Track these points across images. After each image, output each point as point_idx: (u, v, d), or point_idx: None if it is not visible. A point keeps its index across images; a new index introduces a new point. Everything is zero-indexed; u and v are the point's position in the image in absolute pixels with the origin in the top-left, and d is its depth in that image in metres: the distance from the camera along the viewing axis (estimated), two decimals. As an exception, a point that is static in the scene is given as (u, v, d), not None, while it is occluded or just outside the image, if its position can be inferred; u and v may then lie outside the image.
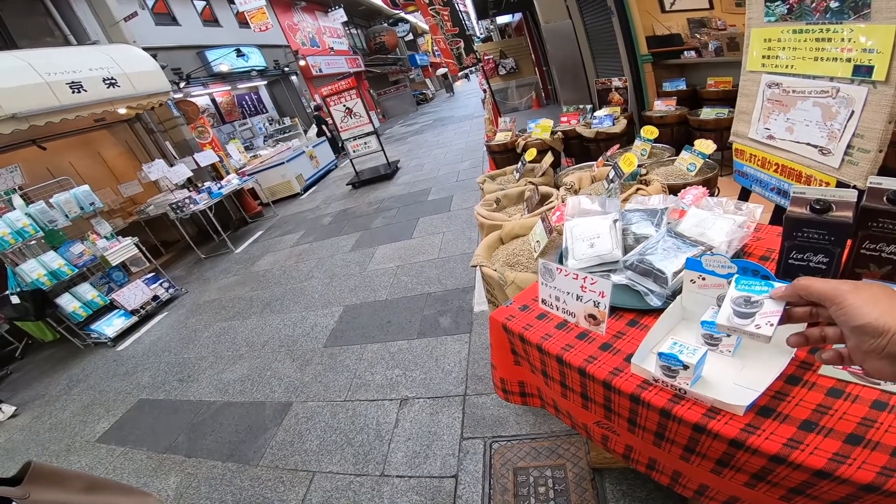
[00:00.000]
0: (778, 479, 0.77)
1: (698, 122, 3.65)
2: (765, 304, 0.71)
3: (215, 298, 5.16)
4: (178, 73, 9.25)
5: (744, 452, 0.79)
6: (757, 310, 0.71)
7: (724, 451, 0.82)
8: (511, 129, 4.55)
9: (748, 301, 0.73)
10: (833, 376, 0.83)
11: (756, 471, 0.79)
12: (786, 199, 2.27)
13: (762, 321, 0.70)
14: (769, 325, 0.69)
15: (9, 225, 4.31)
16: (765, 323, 0.69)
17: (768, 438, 0.76)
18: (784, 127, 2.16)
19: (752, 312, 0.72)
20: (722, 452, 0.83)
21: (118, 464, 2.80)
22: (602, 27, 5.47)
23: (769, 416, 0.80)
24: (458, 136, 11.24)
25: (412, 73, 29.85)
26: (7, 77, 4.66)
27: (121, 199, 7.19)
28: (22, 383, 4.51)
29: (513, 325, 1.19)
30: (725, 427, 0.80)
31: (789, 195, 2.27)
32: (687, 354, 0.84)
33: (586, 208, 1.37)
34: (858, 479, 0.67)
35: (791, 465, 0.73)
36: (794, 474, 0.74)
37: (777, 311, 0.68)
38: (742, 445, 0.78)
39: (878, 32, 1.55)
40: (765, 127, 2.27)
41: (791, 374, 0.86)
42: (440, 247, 4.62)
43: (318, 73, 15.90)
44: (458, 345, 2.91)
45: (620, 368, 0.97)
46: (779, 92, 2.12)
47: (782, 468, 0.74)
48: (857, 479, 0.68)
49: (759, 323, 0.70)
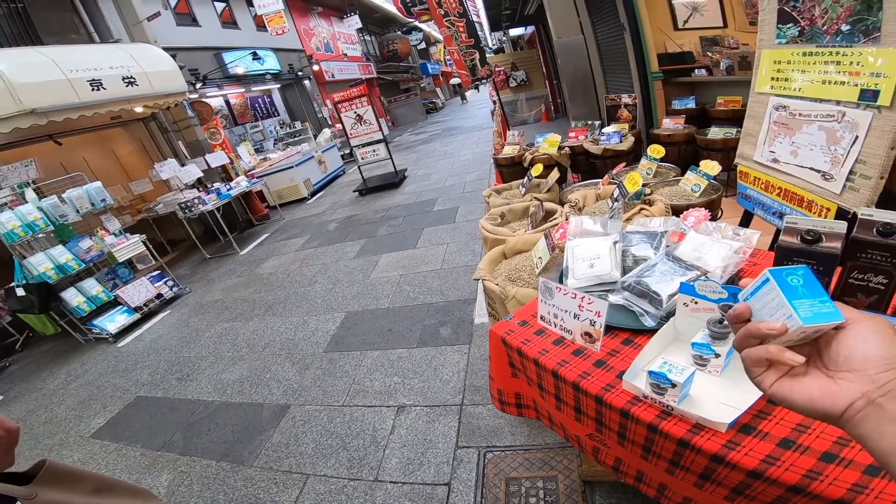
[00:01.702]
0: (755, 494, 0.80)
1: (706, 142, 3.67)
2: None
3: (218, 299, 5.21)
4: (195, 74, 9.41)
5: (724, 467, 0.83)
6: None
7: (706, 466, 0.86)
8: (519, 143, 4.58)
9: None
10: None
11: (735, 485, 0.83)
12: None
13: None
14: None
15: (20, 218, 4.38)
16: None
17: (747, 454, 0.80)
18: (789, 150, 2.15)
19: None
20: (704, 467, 0.87)
21: (111, 460, 2.82)
22: (614, 43, 5.53)
23: (750, 433, 0.84)
24: (467, 146, 11.33)
25: (423, 81, 30.14)
26: (30, 72, 4.74)
27: (131, 196, 7.30)
28: (20, 376, 4.53)
29: (512, 339, 1.23)
30: (708, 443, 0.85)
31: None
32: (676, 373, 0.88)
33: (588, 229, 1.41)
34: (829, 494, 0.71)
35: (768, 480, 0.76)
36: (770, 489, 0.77)
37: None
38: (723, 461, 0.82)
39: (886, 56, 1.56)
40: (770, 150, 2.27)
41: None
42: (444, 258, 4.66)
43: (331, 78, 16.09)
44: (457, 355, 2.94)
45: (612, 384, 1.01)
46: (786, 115, 2.11)
47: (759, 483, 0.78)
48: (829, 495, 0.71)
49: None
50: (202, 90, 9.70)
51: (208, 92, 10.25)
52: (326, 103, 15.08)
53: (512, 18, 10.46)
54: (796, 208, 2.22)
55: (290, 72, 13.84)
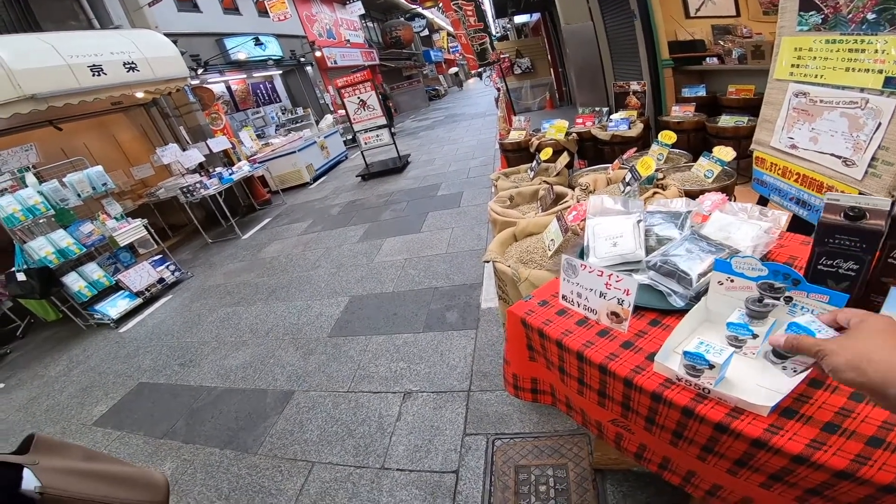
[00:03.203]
0: (796, 480, 0.78)
1: (716, 130, 3.61)
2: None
3: (221, 283, 5.17)
4: (197, 60, 9.32)
5: (765, 452, 0.79)
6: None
7: (744, 451, 0.83)
8: (525, 129, 4.52)
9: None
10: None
11: (775, 471, 0.80)
12: (805, 209, 2.26)
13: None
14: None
15: (20, 202, 4.33)
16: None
17: (791, 439, 0.77)
18: (808, 137, 2.15)
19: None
20: (742, 452, 0.83)
21: (113, 448, 2.77)
22: (623, 30, 5.44)
23: (792, 417, 0.81)
24: (470, 133, 11.22)
25: (426, 68, 29.89)
26: (29, 58, 4.70)
27: (132, 181, 7.26)
28: (21, 363, 4.48)
29: (532, 319, 1.18)
30: (749, 427, 0.81)
31: (809, 205, 2.28)
32: (713, 354, 0.83)
33: (609, 207, 1.36)
34: (879, 480, 0.69)
35: (813, 465, 0.74)
36: (814, 475, 0.75)
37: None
38: (765, 445, 0.79)
39: (912, 44, 1.54)
40: (788, 136, 2.26)
41: (814, 378, 0.86)
42: (449, 242, 4.61)
43: (333, 64, 15.92)
44: (464, 340, 2.90)
45: (642, 367, 0.96)
46: (806, 101, 2.11)
47: (803, 468, 0.76)
48: (878, 481, 0.69)
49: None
50: (204, 76, 9.63)
51: (210, 78, 10.17)
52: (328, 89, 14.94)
53: (518, 5, 10.28)
54: (815, 194, 2.21)
55: (292, 58, 13.70)
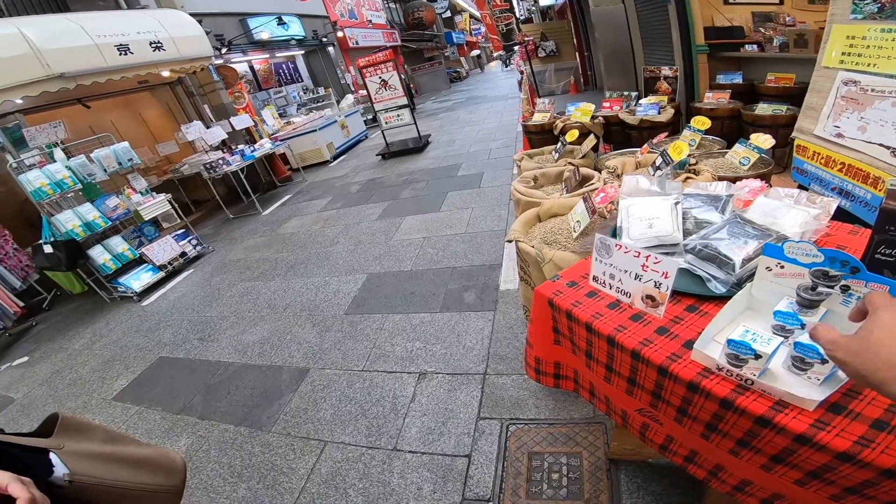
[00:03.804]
0: (836, 478, 0.74)
1: (753, 118, 3.46)
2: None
3: (241, 258, 5.23)
4: (221, 40, 9.35)
5: (808, 448, 0.75)
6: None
7: (784, 447, 0.78)
8: (549, 111, 4.44)
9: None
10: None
11: (815, 468, 0.76)
12: (847, 199, 2.16)
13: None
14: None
15: (48, 176, 4.42)
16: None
17: (838, 435, 0.73)
18: (856, 126, 2.08)
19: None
20: (782, 448, 0.79)
21: (132, 423, 2.81)
22: (656, 14, 5.24)
23: (840, 412, 0.76)
24: (492, 115, 11.06)
25: (447, 50, 29.49)
26: (58, 38, 4.78)
27: (157, 157, 7.41)
28: (46, 335, 4.60)
29: (560, 300, 1.13)
30: (793, 421, 0.76)
31: (852, 196, 2.17)
32: (760, 343, 0.77)
33: (644, 188, 1.29)
34: None
35: (859, 463, 0.70)
36: (858, 473, 0.71)
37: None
38: (809, 441, 0.74)
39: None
40: (834, 125, 2.18)
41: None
42: (468, 222, 4.56)
43: (355, 45, 15.78)
44: (481, 322, 2.87)
45: (679, 354, 0.90)
46: (855, 90, 2.05)
47: (847, 466, 0.72)
48: None
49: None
50: (227, 55, 9.67)
51: (233, 57, 10.22)
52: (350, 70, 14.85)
53: (544, -14, 9.99)
54: (860, 184, 2.13)
55: (314, 38, 13.63)
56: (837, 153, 2.19)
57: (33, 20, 4.93)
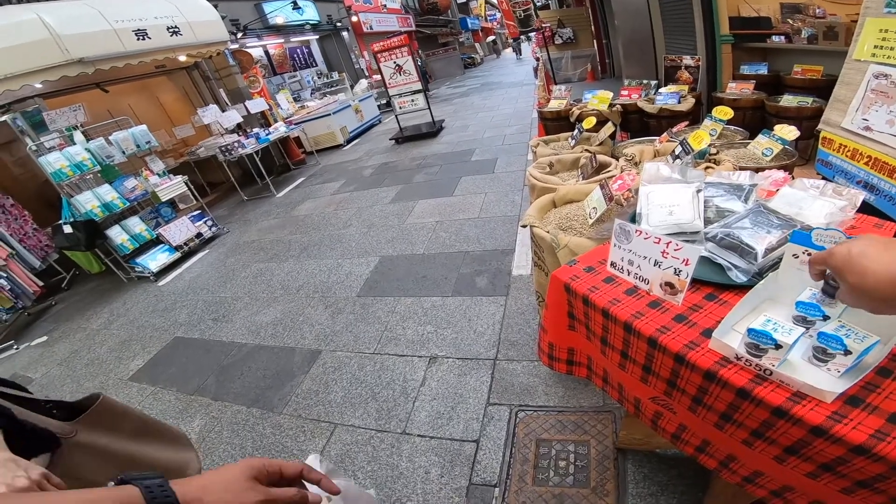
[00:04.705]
0: (849, 471, 0.74)
1: (777, 109, 3.38)
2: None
3: (255, 239, 5.28)
4: (236, 24, 9.36)
5: (824, 441, 0.75)
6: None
7: (799, 438, 0.78)
8: (565, 98, 4.37)
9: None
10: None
11: (829, 461, 0.76)
12: (872, 193, 2.12)
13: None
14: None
15: (68, 158, 4.50)
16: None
17: (855, 428, 0.72)
18: (885, 119, 2.07)
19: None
20: (797, 439, 0.79)
21: (147, 404, 2.83)
22: (679, 3, 5.12)
23: (857, 405, 0.75)
24: (506, 101, 10.94)
25: (462, 36, 29.14)
26: (77, 23, 4.83)
27: (174, 140, 7.50)
28: (65, 315, 4.67)
29: (577, 285, 1.12)
30: (810, 413, 0.75)
31: (878, 190, 2.12)
32: (782, 333, 0.76)
33: (666, 175, 1.26)
34: None
35: (873, 456, 0.70)
36: (871, 466, 0.71)
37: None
38: (825, 433, 0.74)
39: None
40: (863, 118, 2.15)
41: (884, 367, 0.80)
42: (481, 207, 4.55)
43: (369, 30, 15.66)
44: (493, 307, 2.87)
45: (696, 342, 0.90)
46: (886, 83, 2.03)
47: (861, 459, 0.71)
48: None
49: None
50: (243, 40, 9.70)
51: (249, 42, 10.24)
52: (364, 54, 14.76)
53: (564, -29, 9.77)
54: (885, 178, 2.10)
55: (328, 23, 13.56)
56: (865, 146, 2.15)
57: (52, 6, 4.98)
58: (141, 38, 5.42)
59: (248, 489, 0.55)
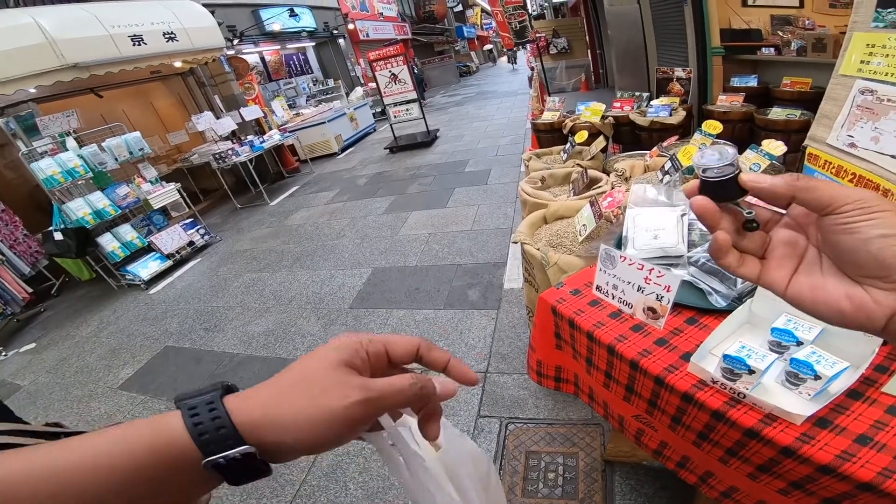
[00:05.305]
0: (817, 489, 0.77)
1: (765, 122, 3.43)
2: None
3: (247, 248, 5.28)
4: (233, 31, 9.37)
5: (792, 461, 0.78)
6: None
7: (770, 458, 0.82)
8: (559, 109, 4.42)
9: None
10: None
11: (798, 479, 0.79)
12: None
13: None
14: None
15: (60, 165, 4.47)
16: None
17: (822, 449, 0.76)
18: (870, 136, 2.07)
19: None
20: (768, 459, 0.82)
21: (136, 412, 2.82)
22: (671, 15, 5.20)
23: (826, 427, 0.79)
24: (501, 111, 11.02)
25: (458, 44, 29.37)
26: (72, 28, 4.82)
27: (167, 146, 7.46)
28: (54, 322, 4.62)
29: (563, 308, 1.16)
30: (781, 434, 0.79)
31: None
32: (755, 359, 0.79)
33: (652, 198, 1.30)
34: None
35: (839, 476, 0.73)
36: (837, 485, 0.74)
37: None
38: (793, 454, 0.78)
39: None
40: (848, 134, 2.17)
41: (854, 390, 0.84)
42: (474, 219, 4.58)
43: (366, 37, 15.75)
44: (484, 320, 2.89)
45: (675, 366, 0.93)
46: (871, 99, 2.02)
47: (827, 478, 0.75)
48: None
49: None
50: (239, 46, 9.70)
51: (244, 48, 10.24)
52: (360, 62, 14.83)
53: (559, -18, 9.90)
54: None
55: (325, 30, 13.62)
56: (849, 163, 2.18)
57: (49, 10, 4.98)
58: (137, 44, 5.41)
59: (337, 384, 0.36)
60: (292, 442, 0.34)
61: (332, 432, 0.35)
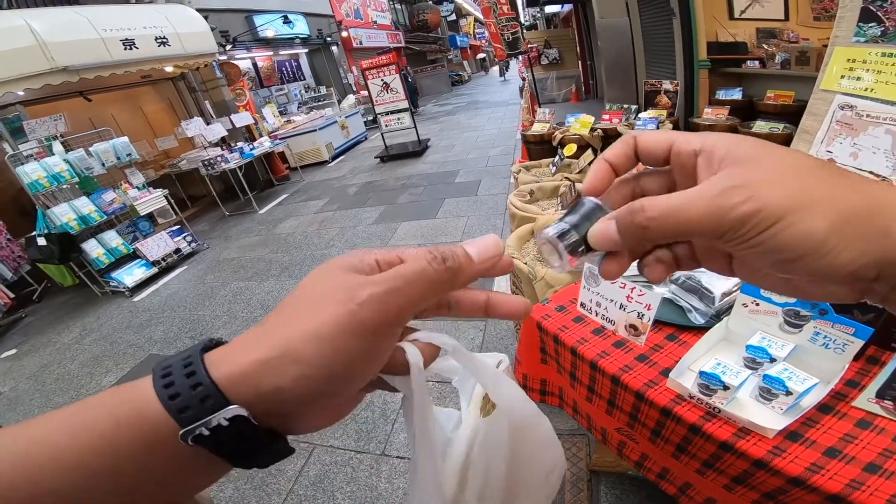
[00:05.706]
0: (789, 500, 0.80)
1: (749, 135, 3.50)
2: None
3: (235, 257, 5.24)
4: (226, 36, 9.35)
5: (765, 472, 0.81)
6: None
7: (744, 470, 0.85)
8: (549, 121, 4.47)
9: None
10: (865, 409, 0.85)
11: (771, 490, 0.82)
12: None
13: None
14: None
15: (45, 169, 4.41)
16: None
17: (792, 461, 0.79)
18: (848, 152, 2.09)
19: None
20: (742, 471, 0.85)
21: None
22: (660, 28, 5.29)
23: (797, 440, 0.82)
24: (491, 121, 11.11)
25: (451, 53, 29.61)
26: (64, 31, 4.80)
27: (155, 151, 7.41)
28: (36, 328, 4.55)
29: (548, 324, 1.18)
30: (753, 448, 0.82)
31: None
32: (730, 376, 0.82)
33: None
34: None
35: (808, 488, 0.76)
36: (807, 497, 0.77)
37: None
38: (765, 466, 0.80)
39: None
40: (827, 150, 2.20)
41: (825, 404, 0.87)
42: (464, 230, 4.59)
43: (359, 45, 15.80)
44: (472, 332, 2.90)
45: (655, 381, 0.96)
46: (851, 114, 2.04)
47: (798, 490, 0.77)
48: None
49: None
50: (231, 52, 9.67)
51: (237, 54, 10.21)
52: (352, 70, 14.88)
53: (551, -6, 10.06)
54: None
55: (318, 37, 13.65)
56: (827, 180, 2.23)
57: (41, 12, 4.96)
58: (128, 48, 5.40)
59: (337, 289, 0.27)
60: (292, 381, 0.25)
61: (341, 353, 0.25)
